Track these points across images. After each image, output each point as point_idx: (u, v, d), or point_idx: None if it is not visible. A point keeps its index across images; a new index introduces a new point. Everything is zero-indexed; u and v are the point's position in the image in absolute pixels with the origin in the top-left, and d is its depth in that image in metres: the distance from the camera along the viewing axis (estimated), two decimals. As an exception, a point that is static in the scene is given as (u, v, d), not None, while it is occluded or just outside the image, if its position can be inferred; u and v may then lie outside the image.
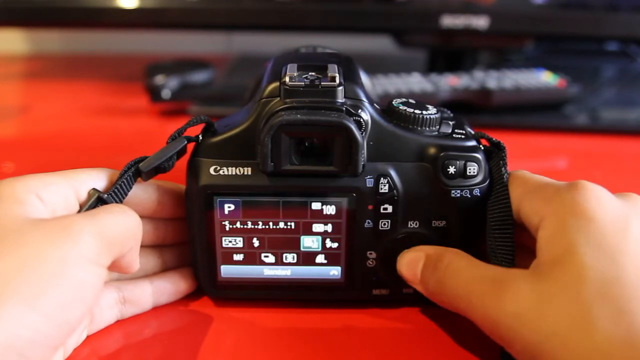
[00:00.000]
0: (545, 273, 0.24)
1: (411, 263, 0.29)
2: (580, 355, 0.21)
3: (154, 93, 0.58)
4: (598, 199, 0.24)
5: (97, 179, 0.27)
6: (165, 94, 0.58)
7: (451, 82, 0.57)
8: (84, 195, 0.27)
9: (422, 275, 0.28)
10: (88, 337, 0.28)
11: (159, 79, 0.58)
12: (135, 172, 0.28)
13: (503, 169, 0.29)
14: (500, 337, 0.24)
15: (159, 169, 0.28)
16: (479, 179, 0.29)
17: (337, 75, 0.27)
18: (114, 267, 0.26)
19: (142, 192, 0.29)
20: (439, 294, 0.27)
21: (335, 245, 0.30)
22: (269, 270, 0.30)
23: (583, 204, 0.24)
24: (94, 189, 0.27)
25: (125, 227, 0.26)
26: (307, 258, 0.30)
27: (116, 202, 0.27)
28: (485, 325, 0.25)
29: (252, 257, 0.30)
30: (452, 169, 0.28)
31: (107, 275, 0.25)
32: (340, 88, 0.27)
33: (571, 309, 0.22)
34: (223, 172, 0.28)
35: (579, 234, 0.23)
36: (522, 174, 0.28)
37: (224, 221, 0.29)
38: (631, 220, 0.24)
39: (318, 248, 0.30)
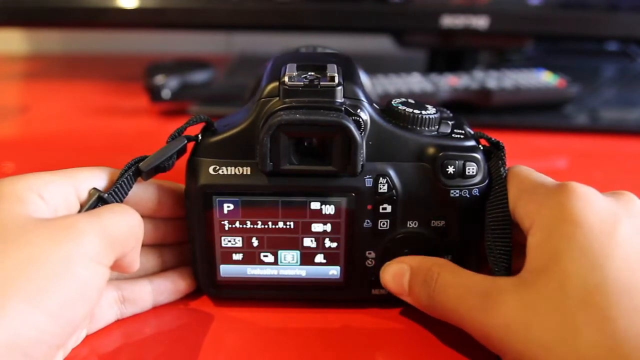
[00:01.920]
0: (530, 282, 0.24)
1: (396, 276, 0.29)
2: None
3: (154, 93, 0.58)
4: (586, 203, 0.24)
5: (98, 178, 0.27)
6: (165, 94, 0.58)
7: (451, 82, 0.57)
8: (84, 195, 0.27)
9: (411, 288, 0.28)
10: (87, 336, 0.28)
11: (159, 79, 0.58)
12: (135, 171, 0.28)
13: (502, 168, 0.29)
14: (493, 348, 0.24)
15: (159, 169, 0.28)
16: (478, 179, 0.29)
17: (336, 75, 0.27)
18: (115, 266, 0.26)
19: (142, 192, 0.29)
20: (431, 307, 0.27)
21: (334, 245, 0.30)
22: (268, 269, 0.30)
23: (570, 209, 0.24)
24: (94, 188, 0.27)
25: (127, 226, 0.26)
26: (306, 258, 0.30)
27: (116, 201, 0.27)
28: (477, 337, 0.25)
29: (251, 257, 0.30)
30: (451, 169, 0.28)
31: (109, 275, 0.25)
32: (339, 88, 0.27)
33: (555, 318, 0.22)
34: (222, 171, 0.28)
35: (564, 241, 0.23)
36: (519, 171, 0.28)
37: (223, 221, 0.29)
38: (620, 221, 0.24)
39: (317, 248, 0.30)
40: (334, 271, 0.30)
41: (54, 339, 0.22)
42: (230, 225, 0.29)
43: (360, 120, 0.28)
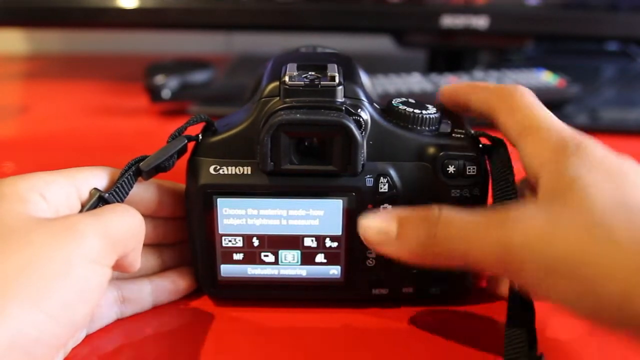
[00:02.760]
0: (551, 199, 0.23)
1: (381, 228, 0.26)
2: (603, 270, 0.20)
3: (154, 93, 0.58)
4: (597, 163, 0.24)
5: (99, 178, 0.27)
6: (165, 94, 0.58)
7: (451, 82, 0.57)
8: (85, 194, 0.27)
9: (401, 232, 0.25)
10: (87, 336, 0.28)
11: (159, 79, 0.58)
12: (135, 171, 0.28)
13: (504, 166, 0.28)
14: (508, 270, 0.23)
15: (159, 168, 0.28)
16: (478, 178, 0.29)
17: (336, 74, 0.27)
18: (116, 266, 0.26)
19: (143, 192, 0.29)
20: (429, 246, 0.25)
21: (334, 244, 0.30)
22: (269, 269, 0.30)
23: (586, 145, 0.25)
24: (95, 188, 0.27)
25: (128, 226, 0.26)
26: (306, 257, 0.30)
27: (117, 201, 0.27)
28: (489, 261, 0.23)
29: (251, 257, 0.30)
30: (451, 169, 0.28)
31: (110, 275, 0.25)
32: (340, 88, 0.27)
33: (586, 225, 0.21)
34: (223, 171, 0.28)
35: (581, 169, 0.23)
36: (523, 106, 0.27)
37: (224, 220, 0.29)
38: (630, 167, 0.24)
39: (318, 247, 0.30)
40: (334, 271, 0.30)
41: (55, 339, 0.22)
42: (230, 225, 0.29)
43: (361, 119, 0.28)
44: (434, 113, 0.30)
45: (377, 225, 0.26)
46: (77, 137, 0.54)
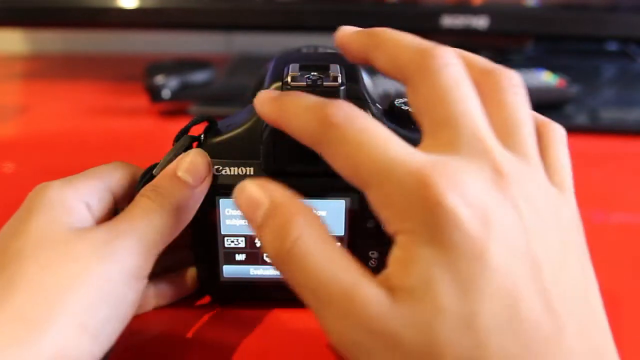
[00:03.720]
0: (401, 300, 0.20)
1: (251, 203, 0.22)
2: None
3: (154, 93, 0.58)
4: (456, 218, 0.19)
5: (129, 176, 0.28)
6: (165, 94, 0.58)
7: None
8: (118, 196, 0.27)
9: (261, 229, 0.21)
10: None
11: (159, 79, 0.58)
12: (150, 179, 0.27)
13: None
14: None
15: None
16: (480, 178, 0.29)
17: (339, 75, 0.27)
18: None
19: None
20: (281, 264, 0.21)
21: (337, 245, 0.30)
22: (271, 270, 0.30)
23: (440, 229, 0.19)
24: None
25: (162, 227, 0.25)
26: (308, 258, 0.30)
27: None
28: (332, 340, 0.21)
29: (254, 257, 0.30)
30: (454, 169, 0.28)
31: (146, 284, 0.25)
32: (343, 88, 0.27)
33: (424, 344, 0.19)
34: (225, 172, 0.28)
35: (434, 267, 0.19)
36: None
37: (226, 221, 0.29)
38: (492, 240, 0.19)
39: (320, 248, 0.30)
40: (336, 271, 0.30)
41: (92, 358, 0.22)
42: (233, 226, 0.29)
43: (363, 120, 0.27)
44: (436, 113, 0.29)
45: (245, 203, 0.22)
46: (77, 137, 0.54)
